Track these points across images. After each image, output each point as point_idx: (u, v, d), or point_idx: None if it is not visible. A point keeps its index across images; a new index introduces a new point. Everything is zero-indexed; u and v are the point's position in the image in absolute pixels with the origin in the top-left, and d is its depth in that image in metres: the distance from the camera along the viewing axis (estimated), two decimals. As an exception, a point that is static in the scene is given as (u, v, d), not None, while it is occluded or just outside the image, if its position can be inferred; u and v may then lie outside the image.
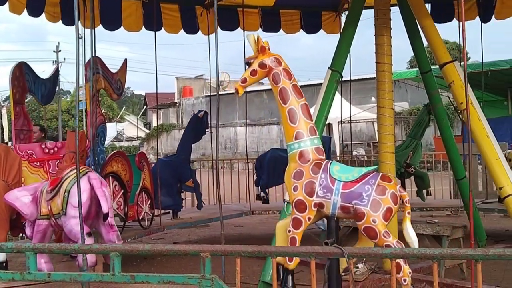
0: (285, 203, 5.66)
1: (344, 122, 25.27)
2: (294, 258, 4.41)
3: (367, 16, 7.11)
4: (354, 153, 22.22)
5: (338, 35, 6.52)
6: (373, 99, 26.18)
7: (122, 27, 8.31)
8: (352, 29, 6.19)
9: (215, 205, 10.77)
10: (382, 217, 4.20)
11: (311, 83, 34.26)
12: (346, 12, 8.80)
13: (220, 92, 37.71)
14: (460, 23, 8.19)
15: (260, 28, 8.99)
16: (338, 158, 17.67)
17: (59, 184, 5.25)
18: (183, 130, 10.80)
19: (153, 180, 7.80)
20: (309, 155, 4.40)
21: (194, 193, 9.30)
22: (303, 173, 4.35)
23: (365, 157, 18.16)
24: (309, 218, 4.36)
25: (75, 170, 5.23)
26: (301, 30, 9.20)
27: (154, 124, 43.07)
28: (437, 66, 6.20)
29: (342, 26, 8.82)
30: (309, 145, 4.42)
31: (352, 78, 8.78)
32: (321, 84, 6.22)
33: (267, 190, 9.43)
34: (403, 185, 9.34)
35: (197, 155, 31.69)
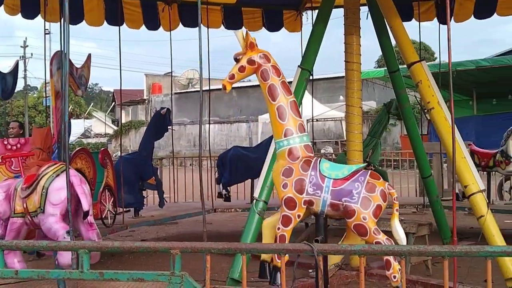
0: (254, 200, 5.68)
1: (313, 120, 25.45)
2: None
3: (336, 16, 7.18)
4: (322, 151, 22.37)
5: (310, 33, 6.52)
6: (341, 97, 26.41)
7: (84, 21, 8.18)
8: (322, 28, 6.22)
9: (176, 203, 10.72)
10: (372, 214, 4.24)
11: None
12: (308, 12, 8.87)
13: (189, 89, 37.61)
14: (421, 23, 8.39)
15: (222, 25, 8.95)
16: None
17: (36, 181, 5.11)
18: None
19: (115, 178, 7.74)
20: (299, 153, 4.40)
21: (156, 191, 9.25)
22: (293, 170, 4.34)
23: (333, 155, 18.29)
24: (298, 216, 4.35)
25: (52, 167, 5.15)
26: (263, 28, 9.16)
27: (123, 121, 42.68)
28: (405, 66, 6.30)
29: (302, 25, 8.92)
30: (298, 142, 4.42)
31: (321, 77, 8.86)
32: (290, 82, 6.25)
33: (229, 188, 9.43)
34: None
35: (166, 153, 31.55)
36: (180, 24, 8.86)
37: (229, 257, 5.57)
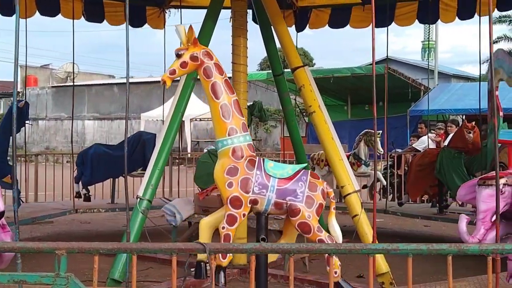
0: (138, 199, 5.60)
1: (196, 120, 25.46)
2: (227, 255, 4.32)
3: (222, 17, 7.25)
4: (205, 150, 22.45)
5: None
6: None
7: None
8: (209, 28, 6.25)
9: (33, 203, 9.95)
10: (315, 212, 4.36)
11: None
12: (171, 10, 8.76)
13: (68, 83, 36.01)
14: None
15: (82, 16, 8.40)
16: (189, 155, 17.77)
17: None
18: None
19: None
20: (243, 152, 4.38)
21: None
22: (238, 169, 4.32)
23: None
24: (243, 215, 4.34)
25: None
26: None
27: (-6, 113, 40.20)
28: (289, 70, 6.52)
29: (166, 22, 8.81)
30: (242, 141, 4.41)
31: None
32: (175, 81, 6.22)
33: (89, 187, 9.14)
34: None
35: (40, 148, 30.09)
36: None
37: (108, 258, 5.41)
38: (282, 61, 7.42)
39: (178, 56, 4.39)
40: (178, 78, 5.19)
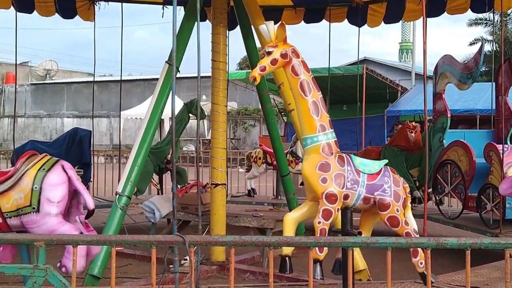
0: (117, 195, 5.59)
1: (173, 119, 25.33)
2: (324, 248, 4.27)
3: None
4: (185, 148, 22.42)
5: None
6: (204, 97, 26.60)
7: None
8: (190, 24, 6.26)
9: None
10: (402, 206, 4.47)
11: (144, 77, 33.91)
12: (101, 3, 8.65)
13: (47, 81, 35.71)
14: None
15: (12, 6, 8.09)
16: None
17: (18, 176, 4.42)
18: (4, 119, 10.00)
19: None
20: (332, 148, 4.41)
21: None
22: (330, 165, 4.33)
23: (195, 152, 18.40)
24: (337, 209, 4.35)
25: (37, 158, 4.55)
26: (56, 14, 8.57)
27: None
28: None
29: (95, 15, 8.72)
30: (330, 138, 4.42)
31: (185, 75, 8.83)
32: (153, 79, 6.23)
33: None
34: (161, 181, 9.90)
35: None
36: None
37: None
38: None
39: (268, 53, 4.40)
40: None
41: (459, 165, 7.68)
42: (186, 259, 5.93)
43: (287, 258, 4.45)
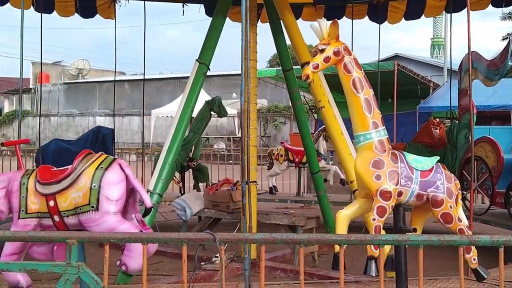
0: (149, 193, 5.64)
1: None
2: (384, 246, 4.32)
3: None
4: (215, 146, 22.52)
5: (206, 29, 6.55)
6: (234, 95, 26.66)
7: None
8: (220, 22, 6.26)
9: None
10: (455, 203, 4.48)
11: (175, 76, 34.15)
12: (121, 1, 8.58)
13: (80, 80, 36.21)
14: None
15: (32, 7, 8.06)
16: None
17: (76, 175, 4.41)
18: (37, 118, 10.13)
19: None
20: (385, 145, 4.42)
21: None
22: (384, 162, 4.33)
23: (225, 150, 18.49)
24: (392, 206, 4.36)
25: (94, 157, 4.56)
26: (76, 13, 8.61)
27: (6, 110, 40.52)
28: (299, 66, 6.52)
29: (116, 13, 8.72)
30: (383, 135, 4.44)
31: (215, 73, 8.86)
32: (184, 77, 6.26)
33: None
34: (182, 178, 9.84)
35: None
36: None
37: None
38: (292, 57, 7.42)
39: (321, 51, 4.40)
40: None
41: (486, 161, 7.61)
42: (217, 257, 5.95)
43: (373, 259, 4.43)
